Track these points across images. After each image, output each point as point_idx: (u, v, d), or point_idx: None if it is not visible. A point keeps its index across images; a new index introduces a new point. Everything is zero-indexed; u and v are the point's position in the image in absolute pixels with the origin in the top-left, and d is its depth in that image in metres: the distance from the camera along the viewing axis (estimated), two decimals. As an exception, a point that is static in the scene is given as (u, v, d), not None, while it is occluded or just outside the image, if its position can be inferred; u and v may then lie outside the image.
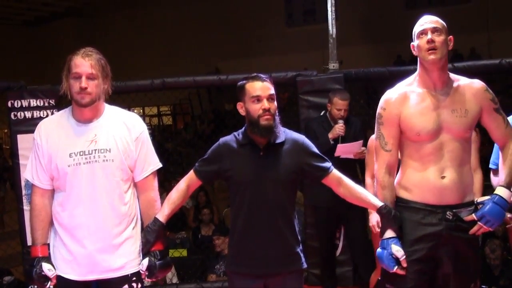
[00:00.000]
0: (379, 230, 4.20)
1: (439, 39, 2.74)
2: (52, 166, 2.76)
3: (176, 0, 17.23)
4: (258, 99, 2.80)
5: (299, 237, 2.94)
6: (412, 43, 2.83)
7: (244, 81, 2.87)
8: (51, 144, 2.77)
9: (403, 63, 12.75)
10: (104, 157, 2.75)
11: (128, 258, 2.82)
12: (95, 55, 2.76)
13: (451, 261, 2.76)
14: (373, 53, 13.66)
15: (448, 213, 2.73)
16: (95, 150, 2.75)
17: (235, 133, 2.92)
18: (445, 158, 2.75)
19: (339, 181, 2.90)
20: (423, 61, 2.79)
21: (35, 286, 2.80)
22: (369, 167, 4.20)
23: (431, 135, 2.75)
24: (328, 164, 2.90)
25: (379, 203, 2.80)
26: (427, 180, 2.76)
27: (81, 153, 2.74)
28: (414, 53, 2.83)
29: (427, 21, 2.79)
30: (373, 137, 4.27)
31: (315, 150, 2.92)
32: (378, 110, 2.90)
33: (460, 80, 2.85)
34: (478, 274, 2.85)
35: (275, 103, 2.83)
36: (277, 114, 2.83)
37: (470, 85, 2.83)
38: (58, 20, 19.76)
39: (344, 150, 4.52)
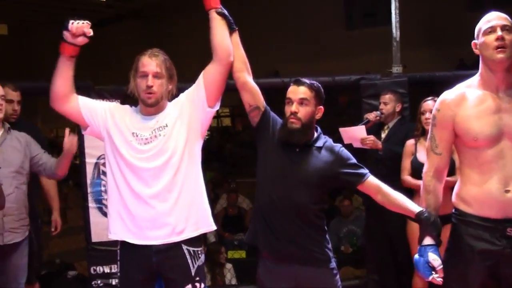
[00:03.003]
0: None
1: (509, 37, 2.53)
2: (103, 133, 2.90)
3: (235, 4, 17.36)
4: (289, 101, 2.84)
5: (323, 240, 2.89)
6: (474, 41, 2.65)
7: None
8: (116, 121, 2.90)
9: (465, 67, 12.42)
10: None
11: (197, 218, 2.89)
12: (161, 56, 2.87)
13: None
14: (434, 57, 13.40)
15: (508, 229, 2.53)
16: (158, 128, 2.85)
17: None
18: (508, 168, 2.53)
19: (377, 188, 2.86)
20: (488, 60, 2.59)
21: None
22: (403, 171, 4.31)
23: (490, 140, 2.55)
24: (364, 171, 2.87)
25: (417, 209, 2.71)
26: (488, 194, 2.56)
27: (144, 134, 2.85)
28: (476, 51, 2.64)
29: (495, 17, 2.59)
30: (409, 141, 4.27)
31: (352, 159, 2.89)
32: (433, 111, 2.78)
33: None
34: None
35: (308, 108, 2.83)
36: (309, 119, 2.82)
37: None
38: (121, 22, 20.20)
39: (349, 136, 4.44)
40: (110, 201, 2.92)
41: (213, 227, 3.00)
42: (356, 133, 4.43)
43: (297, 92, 2.84)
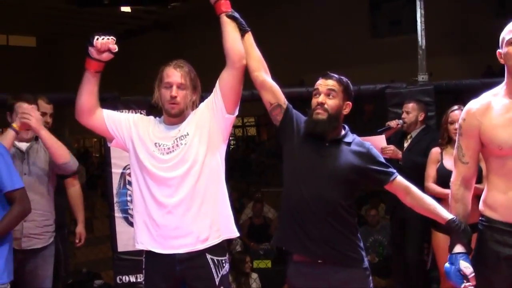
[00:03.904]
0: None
1: None
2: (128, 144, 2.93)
3: (259, 13, 17.41)
4: (317, 93, 2.82)
5: (356, 239, 2.82)
6: (498, 50, 2.63)
7: None
8: (140, 132, 2.92)
9: (493, 74, 12.23)
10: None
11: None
12: (186, 67, 2.88)
13: None
14: (461, 64, 13.27)
15: None
16: (180, 137, 2.86)
17: None
18: None
19: (407, 189, 2.80)
20: None
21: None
22: (428, 179, 4.29)
23: None
24: (392, 170, 2.82)
25: (448, 216, 2.68)
26: None
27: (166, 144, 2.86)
28: (501, 61, 2.63)
29: None
30: (434, 149, 4.24)
31: (381, 158, 2.85)
32: (459, 120, 2.77)
33: None
34: None
35: (336, 101, 2.80)
36: (336, 112, 2.78)
37: None
38: (146, 33, 20.40)
39: None
40: (136, 211, 2.93)
41: (236, 233, 2.99)
42: (376, 142, 4.41)
43: (326, 83, 2.82)
